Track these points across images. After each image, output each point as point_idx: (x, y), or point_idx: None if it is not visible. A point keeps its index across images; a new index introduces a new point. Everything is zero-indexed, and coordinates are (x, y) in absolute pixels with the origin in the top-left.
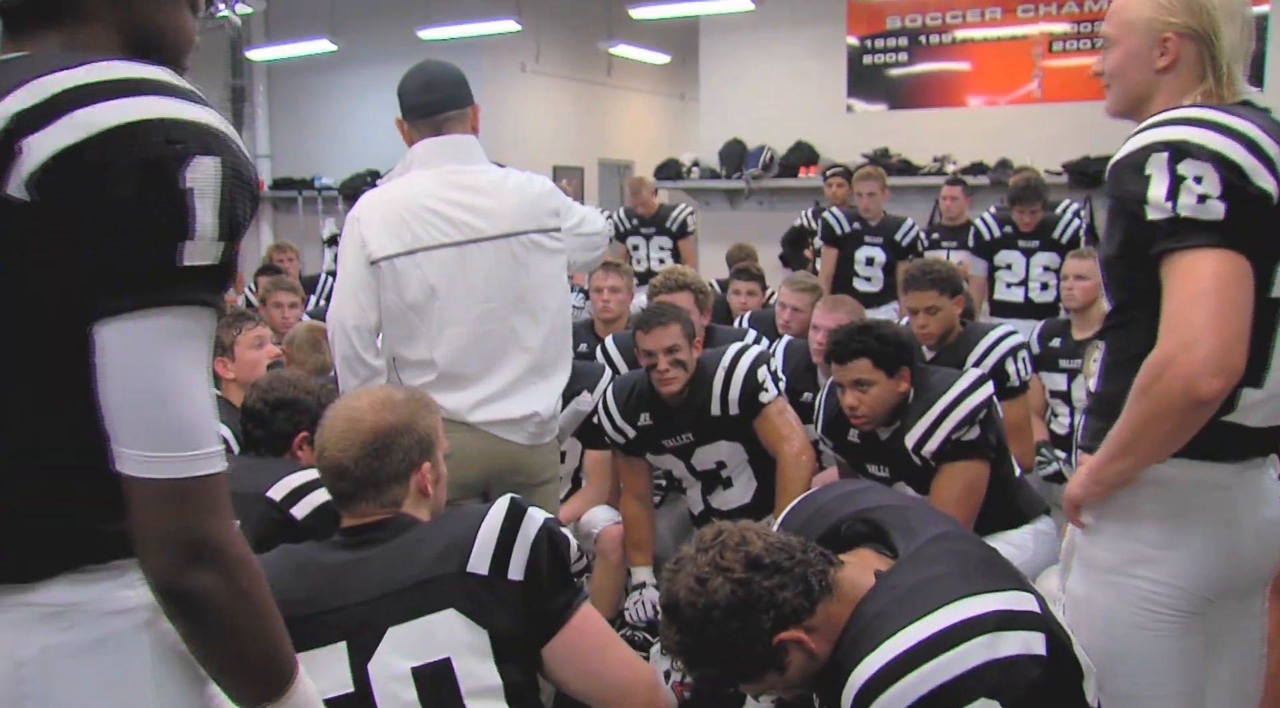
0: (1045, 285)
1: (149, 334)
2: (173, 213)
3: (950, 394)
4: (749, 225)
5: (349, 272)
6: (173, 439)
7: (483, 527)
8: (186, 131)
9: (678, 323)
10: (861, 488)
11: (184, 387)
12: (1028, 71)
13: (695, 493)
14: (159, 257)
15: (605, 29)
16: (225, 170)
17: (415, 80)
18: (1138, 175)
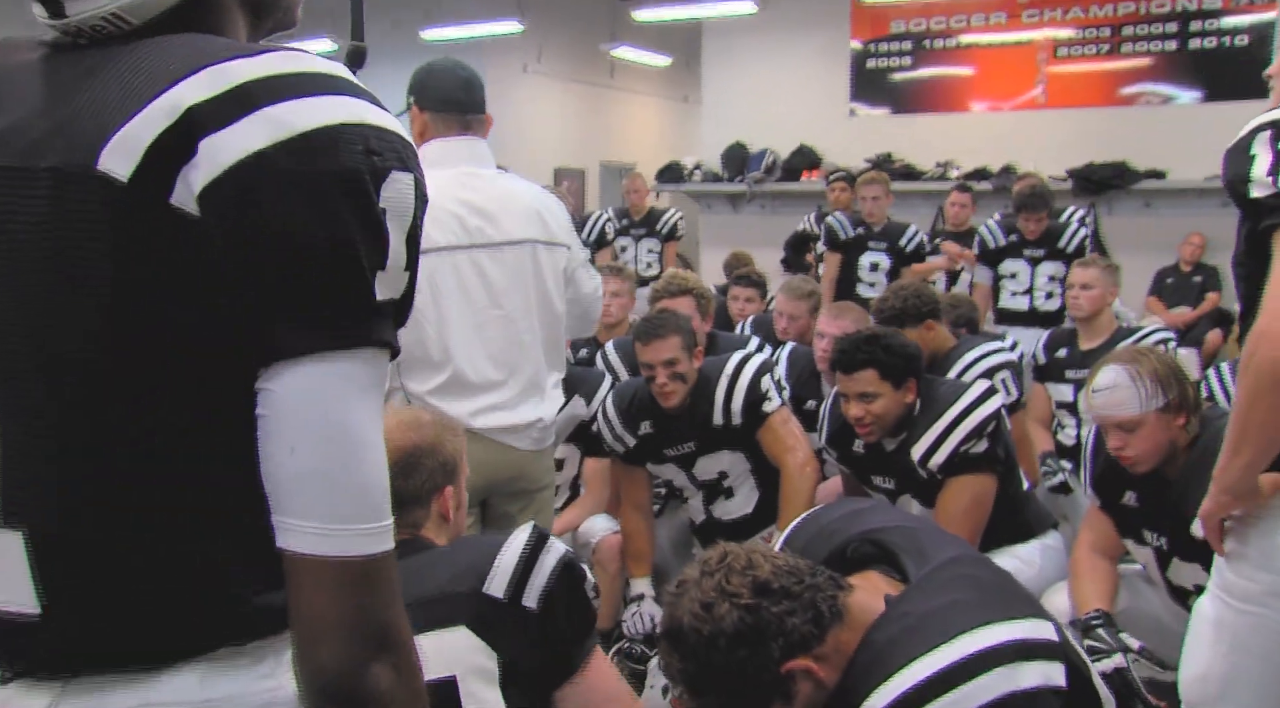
0: (1050, 294)
1: (337, 382)
2: (371, 237)
3: (958, 406)
4: (751, 229)
5: None
6: (360, 509)
7: (504, 551)
8: (385, 141)
9: (677, 334)
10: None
11: (371, 445)
12: (1032, 77)
13: (697, 503)
14: (354, 290)
15: (608, 31)
16: (417, 189)
17: (452, 75)
18: (1244, 156)
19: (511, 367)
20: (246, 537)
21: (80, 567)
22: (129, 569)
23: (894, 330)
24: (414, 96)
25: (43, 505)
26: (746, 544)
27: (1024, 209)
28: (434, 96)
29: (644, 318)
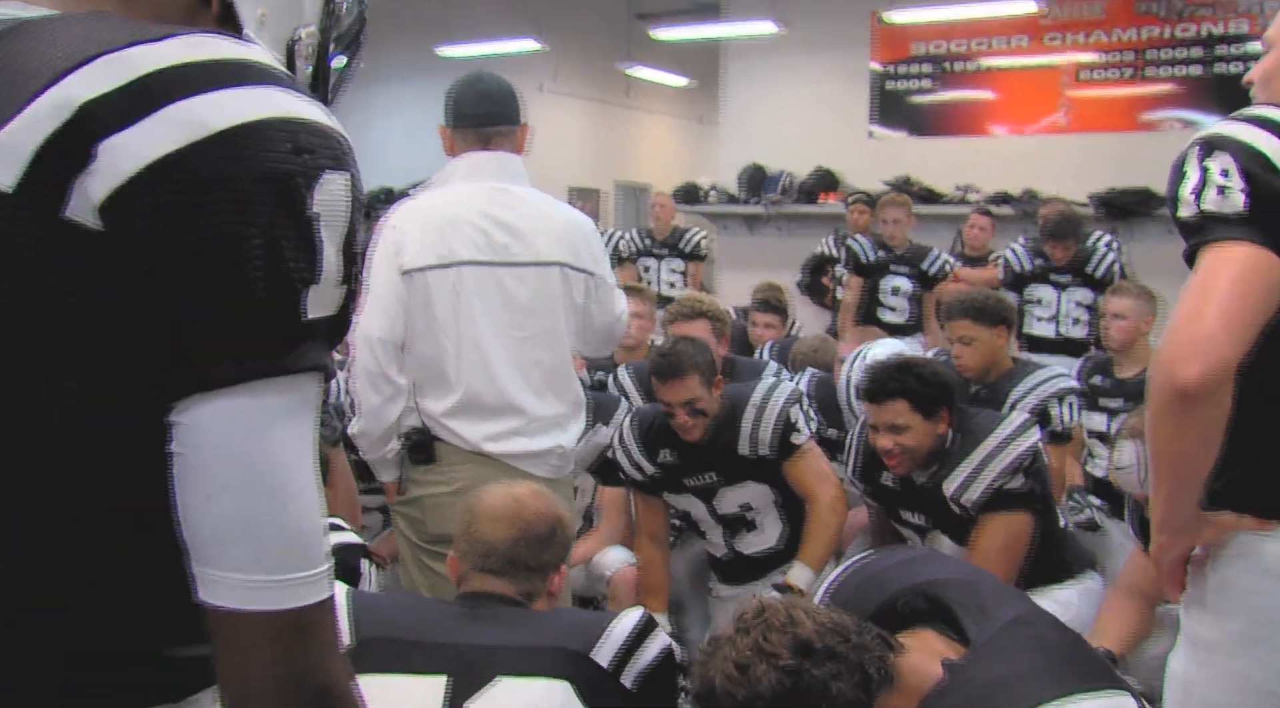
0: (1078, 321)
1: (261, 415)
2: (300, 248)
3: (994, 439)
4: (767, 251)
5: (379, 282)
6: (290, 557)
7: (616, 624)
8: (315, 138)
9: (695, 373)
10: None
11: (302, 486)
12: (1054, 101)
13: (716, 537)
14: (282, 309)
15: (625, 50)
16: (353, 191)
17: (471, 89)
18: (1178, 174)
19: (532, 391)
20: (170, 585)
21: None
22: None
23: (927, 358)
24: (444, 114)
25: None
26: (787, 598)
27: (1053, 237)
28: (453, 112)
29: (659, 352)
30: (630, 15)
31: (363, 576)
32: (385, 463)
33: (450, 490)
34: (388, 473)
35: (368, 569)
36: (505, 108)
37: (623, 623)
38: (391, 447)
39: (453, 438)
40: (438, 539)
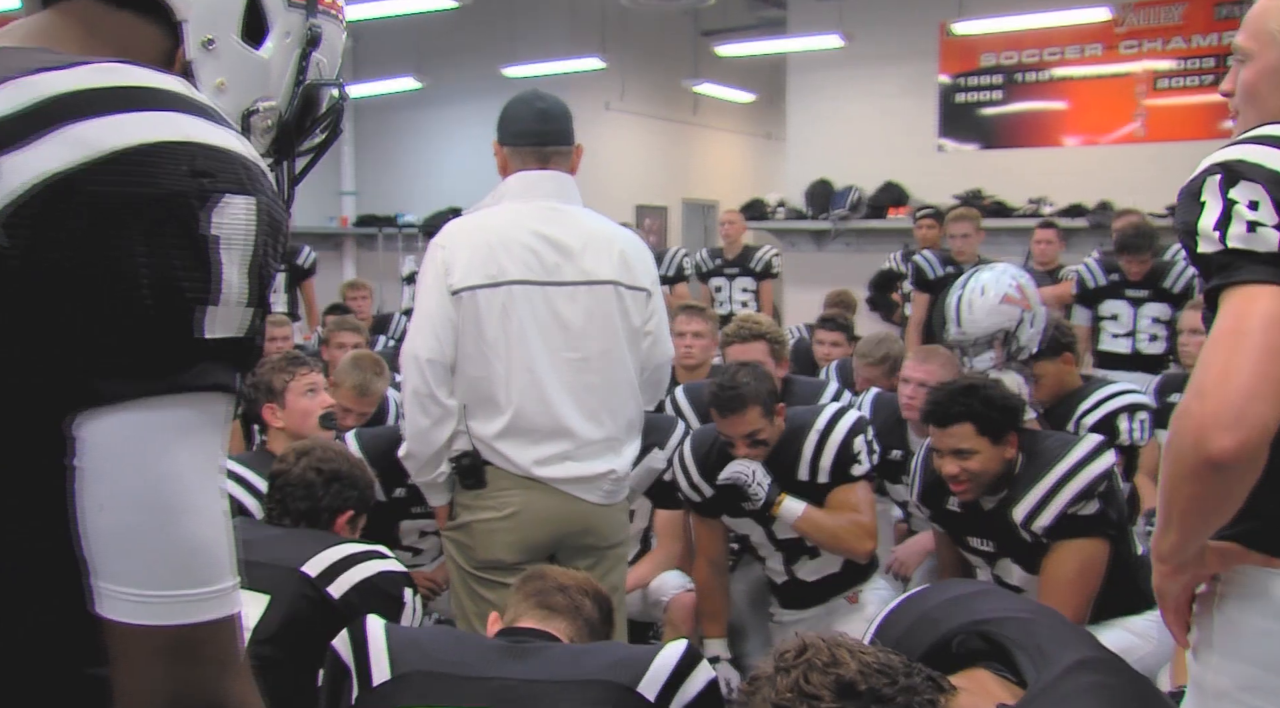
0: (1154, 337)
1: (156, 430)
2: (193, 268)
3: (1066, 463)
4: (835, 267)
5: (428, 301)
6: (181, 573)
7: (660, 657)
8: (216, 161)
9: (756, 406)
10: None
11: (199, 501)
12: (1130, 110)
13: (775, 563)
14: (173, 327)
15: (691, 67)
16: (260, 215)
17: (529, 107)
18: (1193, 203)
19: (584, 413)
20: (74, 601)
21: None
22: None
23: (993, 380)
24: (498, 131)
25: None
26: (831, 635)
27: (1127, 251)
28: (511, 130)
29: (719, 384)
30: (696, 32)
31: (406, 605)
32: (435, 487)
33: (501, 516)
34: (438, 497)
35: (411, 599)
36: (564, 127)
37: (666, 655)
38: (441, 471)
39: (503, 462)
40: (489, 566)
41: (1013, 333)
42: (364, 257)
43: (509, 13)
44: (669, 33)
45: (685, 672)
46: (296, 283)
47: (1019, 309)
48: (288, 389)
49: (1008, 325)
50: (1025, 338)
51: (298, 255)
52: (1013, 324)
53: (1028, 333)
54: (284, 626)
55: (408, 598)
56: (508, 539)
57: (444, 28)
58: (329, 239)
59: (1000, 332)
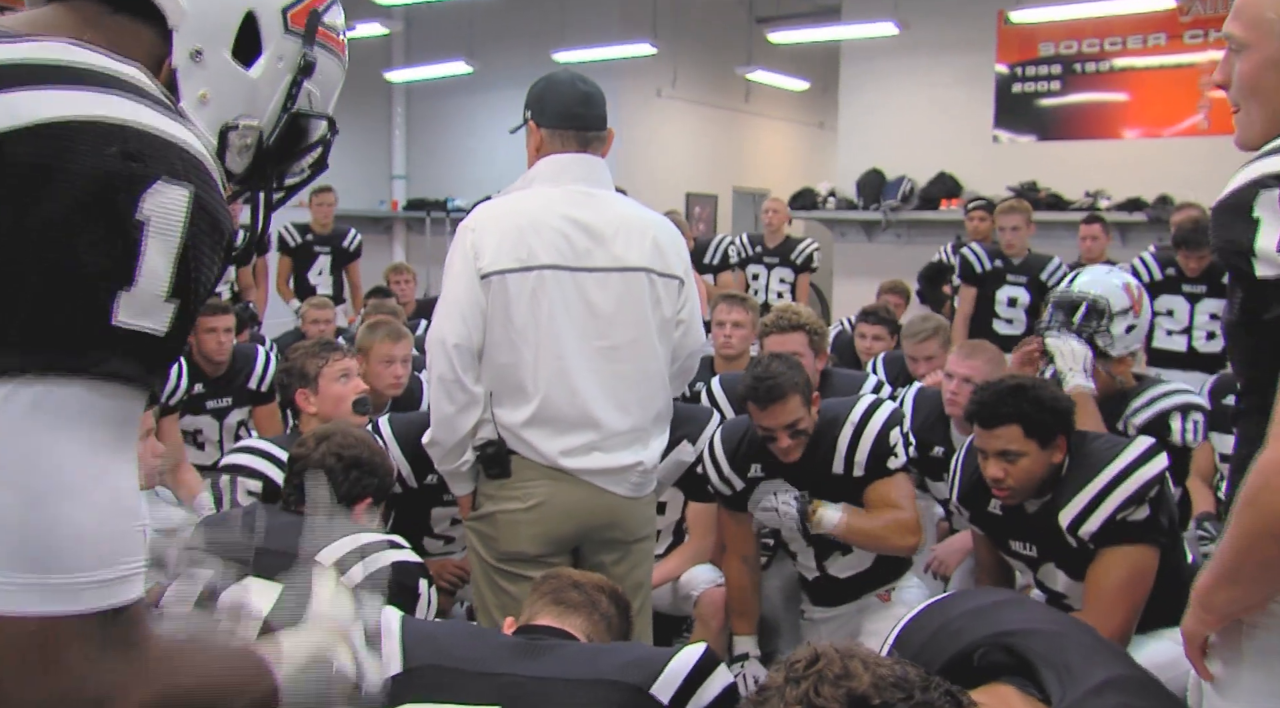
0: (1211, 335)
1: (35, 409)
2: (112, 248)
3: (1115, 466)
4: (886, 259)
5: (456, 284)
6: (44, 558)
7: (676, 659)
8: (151, 146)
9: (795, 393)
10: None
11: (76, 486)
12: (1193, 102)
13: (807, 559)
14: (81, 305)
15: (744, 54)
16: (194, 207)
17: (573, 90)
18: (1243, 220)
19: (614, 403)
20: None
21: None
22: None
23: (1042, 380)
24: (530, 111)
25: None
26: (845, 644)
27: (1185, 245)
28: (553, 111)
29: (754, 376)
30: (750, 19)
31: (420, 596)
32: (458, 476)
33: (525, 507)
34: (461, 487)
35: (426, 590)
36: (603, 112)
37: (684, 658)
38: (465, 459)
39: (528, 451)
40: (511, 558)
41: (1109, 313)
42: (413, 240)
43: None
44: (722, 19)
45: (702, 676)
46: (342, 266)
47: (1128, 300)
48: (320, 375)
49: (1110, 302)
50: (1116, 329)
51: (344, 238)
52: (1115, 306)
53: (1121, 328)
54: None
55: (423, 589)
56: (532, 531)
57: (495, 12)
58: (379, 222)
59: (1102, 301)
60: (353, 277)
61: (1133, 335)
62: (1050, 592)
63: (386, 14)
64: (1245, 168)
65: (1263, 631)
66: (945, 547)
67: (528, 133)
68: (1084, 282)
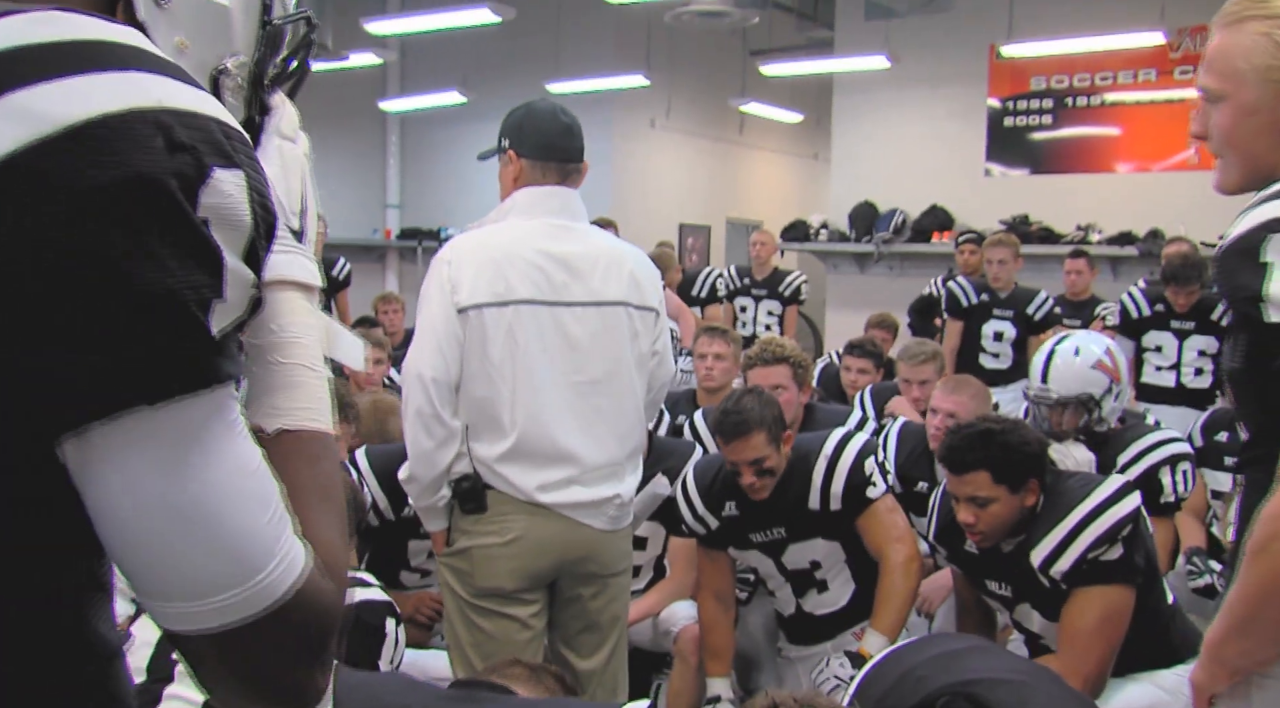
0: (1200, 371)
1: (168, 442)
2: (192, 263)
3: (1087, 505)
4: (878, 291)
5: (433, 318)
6: (230, 574)
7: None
8: (195, 130)
9: (761, 431)
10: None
11: (230, 494)
12: (1184, 137)
13: (785, 595)
14: (174, 334)
15: (738, 86)
16: (250, 189)
17: (554, 121)
18: (1251, 265)
19: (590, 437)
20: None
21: None
22: None
23: (1014, 424)
24: (509, 140)
25: None
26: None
27: (1174, 281)
28: (534, 142)
29: (722, 409)
30: (744, 51)
31: (387, 636)
32: (434, 511)
33: (502, 542)
34: (436, 522)
35: (393, 629)
36: (582, 144)
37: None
38: (442, 494)
39: (505, 486)
40: (488, 593)
41: (1098, 401)
42: (405, 269)
43: (554, 28)
44: (716, 51)
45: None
46: (331, 295)
47: (1108, 378)
48: None
49: (1095, 392)
50: (1108, 409)
51: (333, 267)
52: (1099, 392)
53: (1111, 404)
54: None
55: (389, 629)
56: (509, 566)
57: (489, 43)
58: (372, 251)
59: (1087, 397)
60: (341, 305)
61: (1121, 400)
62: (1027, 632)
63: (381, 44)
64: (1251, 211)
65: (1275, 682)
66: (929, 584)
67: (504, 162)
68: (1069, 378)
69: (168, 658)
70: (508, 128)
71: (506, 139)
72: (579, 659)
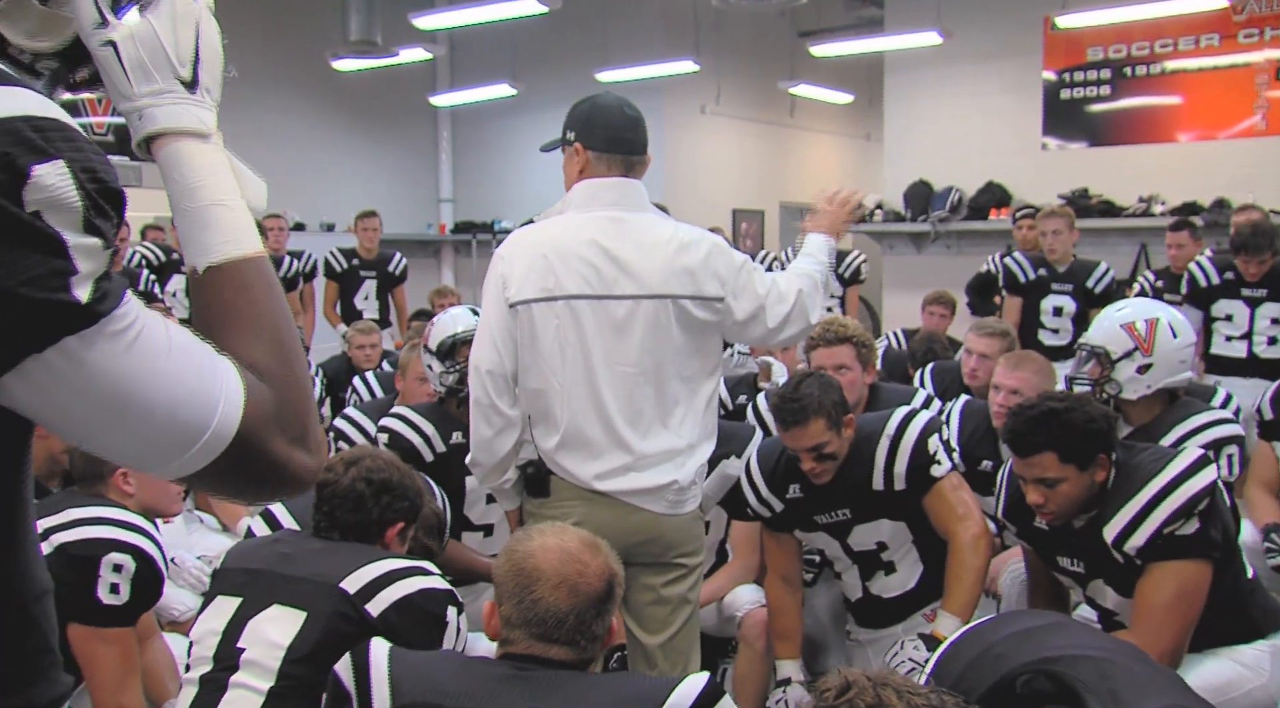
0: (1273, 340)
1: (84, 357)
2: (35, 258)
3: (1161, 479)
4: (935, 270)
5: (488, 313)
6: (189, 426)
7: (678, 691)
8: (4, 135)
9: (820, 417)
10: (1049, 624)
11: (156, 382)
12: (1249, 102)
13: (852, 578)
14: (43, 318)
15: (787, 68)
16: (74, 173)
17: (621, 114)
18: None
19: (641, 427)
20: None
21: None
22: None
23: (1077, 401)
24: (575, 132)
25: None
26: (879, 672)
27: (1244, 250)
28: (601, 135)
29: (781, 396)
30: (792, 33)
31: (449, 624)
32: (503, 493)
33: None
34: (508, 502)
35: (455, 618)
36: (646, 137)
37: (685, 690)
38: (508, 478)
39: (564, 474)
40: None
41: (1113, 360)
42: (461, 263)
43: (601, 17)
44: (765, 34)
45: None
46: (388, 290)
47: (1133, 343)
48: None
49: (1113, 351)
50: (1124, 376)
51: (389, 262)
52: (1118, 352)
53: (1129, 371)
54: (319, 645)
55: (451, 617)
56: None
57: (537, 34)
58: (427, 246)
59: (1103, 351)
60: (399, 300)
61: (1151, 374)
62: (1100, 609)
63: (431, 39)
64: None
65: None
66: (996, 563)
67: (570, 154)
68: (1093, 330)
69: (233, 646)
70: (573, 120)
71: (572, 132)
72: (646, 635)
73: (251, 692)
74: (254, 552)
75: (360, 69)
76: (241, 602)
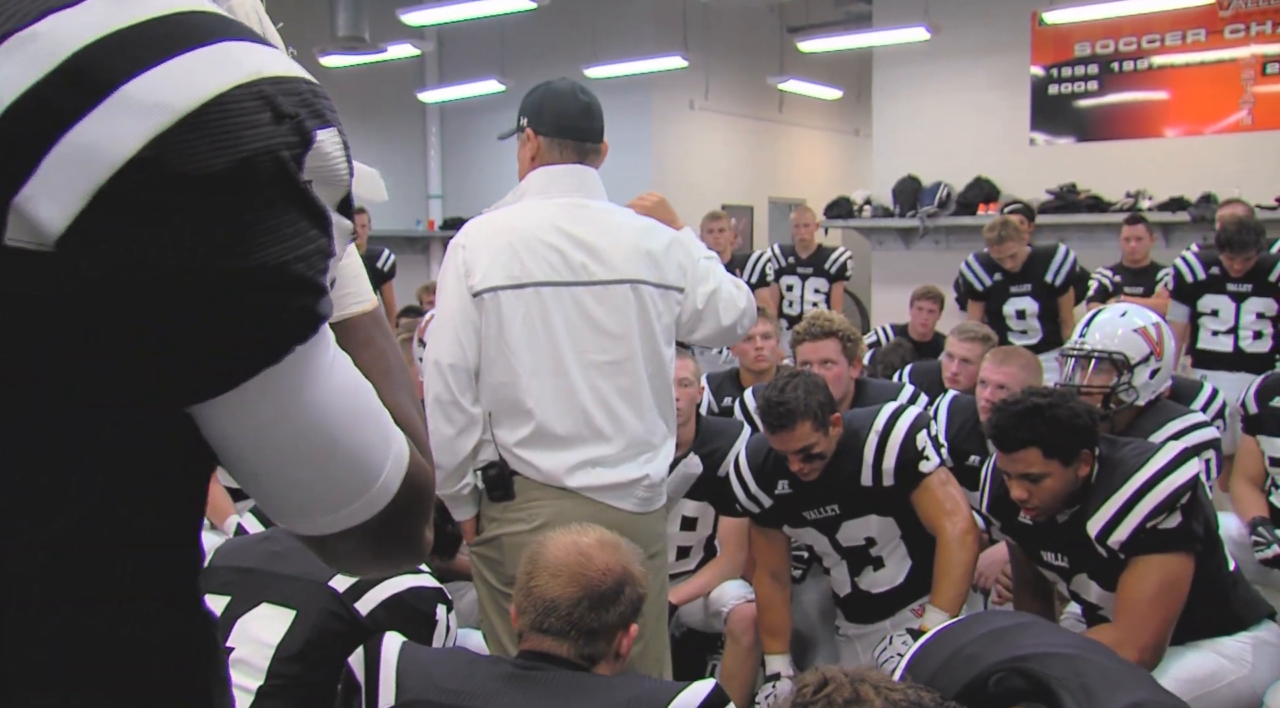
0: (1259, 334)
1: (299, 374)
2: (309, 235)
3: (1144, 473)
4: (924, 266)
5: (449, 304)
6: (361, 476)
7: (683, 694)
8: (291, 97)
9: (807, 419)
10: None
11: (343, 419)
12: (1236, 98)
13: (840, 573)
14: (301, 301)
15: (776, 64)
16: (344, 141)
17: (574, 100)
18: None
19: (615, 418)
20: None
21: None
22: None
23: (1061, 397)
24: (527, 118)
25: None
26: (855, 669)
27: (1229, 247)
28: (552, 121)
29: (767, 398)
30: (781, 28)
31: (438, 623)
32: (460, 500)
33: (530, 528)
34: (463, 511)
35: (444, 616)
36: (601, 124)
37: (691, 694)
38: (466, 482)
39: (530, 471)
40: None
41: (1131, 366)
42: None
43: (590, 12)
44: (753, 29)
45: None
46: (377, 286)
47: (1149, 348)
48: None
49: (1131, 356)
50: (1140, 382)
51: (377, 259)
52: (1136, 357)
53: (1144, 378)
54: (309, 644)
55: (440, 615)
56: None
57: (526, 30)
58: (416, 242)
59: (1122, 357)
60: (387, 297)
61: (1158, 378)
62: (1084, 603)
63: (419, 34)
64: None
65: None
66: (984, 559)
67: (522, 141)
68: (1097, 337)
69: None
70: (526, 107)
71: (525, 118)
72: None
73: (240, 691)
74: (245, 550)
75: (348, 65)
76: (230, 600)
